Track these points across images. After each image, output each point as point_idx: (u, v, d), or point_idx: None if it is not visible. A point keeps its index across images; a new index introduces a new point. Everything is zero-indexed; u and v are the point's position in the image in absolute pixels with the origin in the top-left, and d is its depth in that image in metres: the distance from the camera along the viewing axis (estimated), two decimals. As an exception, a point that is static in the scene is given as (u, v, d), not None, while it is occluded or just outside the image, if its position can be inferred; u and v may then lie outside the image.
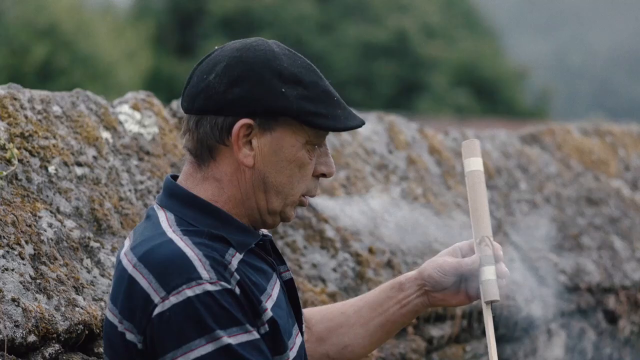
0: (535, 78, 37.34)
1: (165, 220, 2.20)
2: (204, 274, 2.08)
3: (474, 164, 2.42)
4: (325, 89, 2.21)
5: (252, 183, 2.20)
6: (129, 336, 2.12)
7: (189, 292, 2.06)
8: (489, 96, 32.75)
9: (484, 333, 3.88)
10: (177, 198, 2.22)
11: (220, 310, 2.07)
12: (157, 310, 2.07)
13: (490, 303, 2.35)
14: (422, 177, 4.04)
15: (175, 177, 2.29)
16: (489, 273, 2.36)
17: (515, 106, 32.19)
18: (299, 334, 2.30)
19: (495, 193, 4.32)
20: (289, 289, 2.35)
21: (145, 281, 2.10)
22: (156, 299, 2.08)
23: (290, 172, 2.20)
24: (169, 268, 2.09)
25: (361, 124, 2.23)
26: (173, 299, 2.06)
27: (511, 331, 3.96)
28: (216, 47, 2.25)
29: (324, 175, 2.26)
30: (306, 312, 2.59)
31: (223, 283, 2.09)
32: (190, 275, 2.07)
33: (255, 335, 2.11)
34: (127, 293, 2.12)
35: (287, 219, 2.27)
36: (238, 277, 2.13)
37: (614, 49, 64.81)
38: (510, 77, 34.02)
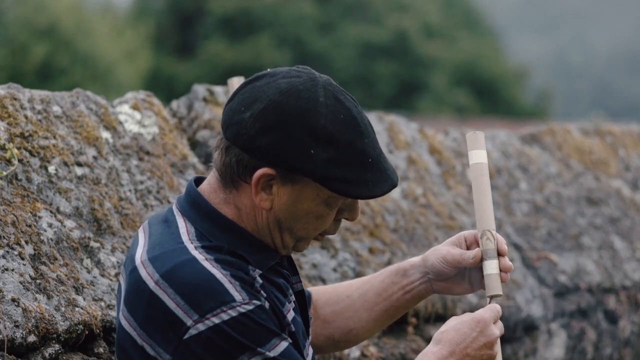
0: (535, 78, 37.33)
1: (185, 232, 2.18)
2: (236, 296, 2.08)
3: (478, 157, 2.40)
4: (361, 150, 2.14)
5: (268, 222, 2.20)
6: (150, 351, 2.11)
7: (225, 316, 2.07)
8: (489, 96, 32.75)
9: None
10: (199, 209, 2.21)
11: (258, 327, 2.09)
12: (190, 333, 2.07)
13: (493, 297, 2.35)
14: (422, 177, 4.04)
15: (198, 181, 2.27)
16: (490, 267, 2.35)
17: (515, 106, 32.20)
18: (309, 345, 2.31)
19: (495, 193, 4.32)
20: (300, 300, 2.34)
21: (172, 302, 2.09)
22: (188, 321, 2.07)
23: (307, 221, 2.19)
24: (199, 291, 2.08)
25: (390, 188, 2.17)
26: (209, 322, 2.07)
27: (511, 331, 3.96)
28: (269, 70, 2.20)
29: (345, 219, 2.25)
30: (312, 293, 2.60)
31: (255, 301, 2.10)
32: (223, 298, 2.08)
33: (290, 340, 2.14)
34: (149, 310, 2.11)
35: (299, 250, 2.27)
36: (264, 293, 2.14)
37: (614, 48, 64.82)
38: (510, 77, 34.01)
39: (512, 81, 34.00)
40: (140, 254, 2.18)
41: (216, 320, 2.06)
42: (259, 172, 2.13)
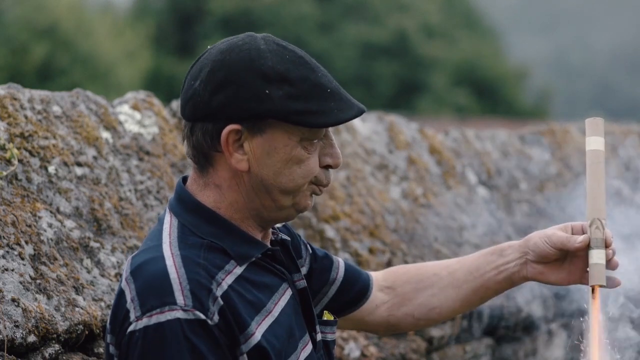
0: (536, 78, 37.32)
1: (168, 228, 2.16)
2: (179, 299, 2.03)
3: (595, 143, 2.35)
4: (317, 82, 2.11)
5: (252, 186, 2.15)
6: (112, 350, 2.11)
7: (161, 317, 2.02)
8: (489, 96, 32.75)
9: (484, 333, 3.88)
10: (183, 203, 2.18)
11: (185, 341, 2.02)
12: (130, 328, 2.05)
13: (596, 287, 2.31)
14: (422, 177, 4.04)
15: (187, 179, 2.27)
16: (598, 257, 2.31)
17: (515, 106, 32.20)
18: (308, 344, 2.24)
19: (495, 193, 4.32)
20: (303, 297, 2.28)
21: (130, 296, 2.07)
22: (132, 316, 2.05)
23: (289, 171, 2.13)
24: (150, 288, 2.06)
25: (358, 113, 2.13)
26: (145, 321, 2.03)
27: (511, 331, 3.96)
28: (208, 47, 2.19)
29: (329, 166, 2.19)
30: (390, 272, 2.57)
31: (197, 312, 2.03)
32: (165, 299, 2.03)
33: None
34: (115, 305, 2.11)
35: (304, 209, 2.20)
36: (222, 302, 2.06)
37: (615, 48, 64.83)
38: (510, 77, 34.02)
39: (512, 81, 34.00)
40: (134, 253, 2.19)
41: (151, 321, 2.03)
42: (225, 130, 2.10)
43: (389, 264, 3.57)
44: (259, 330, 2.11)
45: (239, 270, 2.14)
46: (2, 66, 20.26)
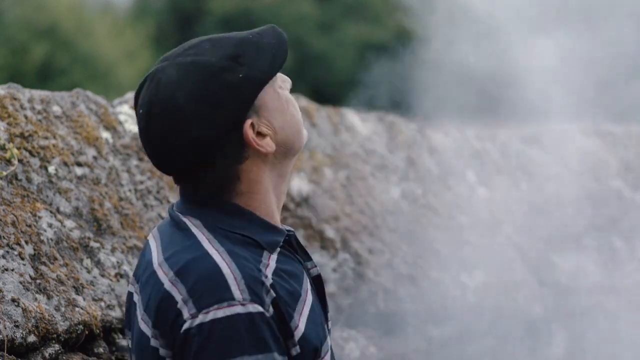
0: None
1: (194, 227, 2.14)
2: (236, 294, 2.03)
3: None
4: (250, 42, 2.18)
5: (279, 157, 2.16)
6: (162, 352, 2.10)
7: (220, 313, 2.02)
8: (489, 96, 32.74)
9: (484, 333, 3.88)
10: (199, 203, 2.16)
11: (247, 334, 2.03)
12: (185, 326, 2.04)
13: None
14: (422, 177, 4.04)
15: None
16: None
17: (515, 106, 32.18)
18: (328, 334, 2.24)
19: (496, 193, 4.32)
20: (317, 285, 2.28)
21: (180, 296, 2.06)
22: (186, 315, 2.04)
23: (290, 113, 2.19)
24: (204, 285, 2.05)
25: (281, 31, 2.29)
26: (201, 318, 2.02)
27: (511, 331, 3.96)
28: (140, 110, 2.15)
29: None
30: None
31: (256, 305, 2.04)
32: (222, 295, 2.03)
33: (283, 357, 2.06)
34: (161, 307, 2.08)
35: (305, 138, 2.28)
36: (274, 294, 2.07)
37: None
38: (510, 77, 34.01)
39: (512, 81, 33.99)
40: (156, 257, 2.16)
41: (209, 317, 2.03)
42: (246, 135, 2.12)
43: (388, 264, 3.57)
44: (301, 320, 2.13)
45: (273, 261, 2.14)
46: (2, 66, 20.25)
